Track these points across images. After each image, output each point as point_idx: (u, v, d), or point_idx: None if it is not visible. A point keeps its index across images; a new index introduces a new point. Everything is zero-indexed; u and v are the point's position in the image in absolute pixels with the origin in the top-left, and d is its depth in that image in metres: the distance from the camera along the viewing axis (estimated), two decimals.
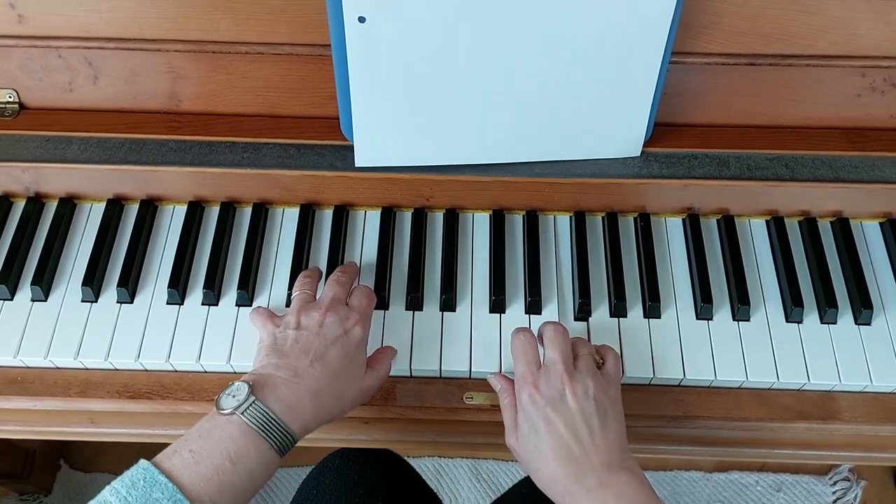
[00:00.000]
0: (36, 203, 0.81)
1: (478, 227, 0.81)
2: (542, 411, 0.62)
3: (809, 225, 0.81)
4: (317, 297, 0.71)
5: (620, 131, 0.75)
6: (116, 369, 0.73)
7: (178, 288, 0.75)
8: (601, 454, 0.60)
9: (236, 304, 0.75)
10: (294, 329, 0.65)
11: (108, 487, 0.55)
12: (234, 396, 0.58)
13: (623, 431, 0.63)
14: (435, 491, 0.90)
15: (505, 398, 0.67)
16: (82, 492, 1.38)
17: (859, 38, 0.72)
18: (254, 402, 0.58)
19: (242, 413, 0.57)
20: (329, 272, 0.76)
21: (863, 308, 0.75)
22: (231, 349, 0.73)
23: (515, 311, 0.76)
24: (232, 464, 0.56)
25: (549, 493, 0.61)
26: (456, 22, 0.65)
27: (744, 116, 0.79)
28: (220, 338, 0.73)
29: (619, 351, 0.73)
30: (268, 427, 0.58)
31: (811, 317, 0.76)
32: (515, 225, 0.82)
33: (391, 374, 0.72)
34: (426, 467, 1.42)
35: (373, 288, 0.76)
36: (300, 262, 0.77)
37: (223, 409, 0.58)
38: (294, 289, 0.71)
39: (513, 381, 0.67)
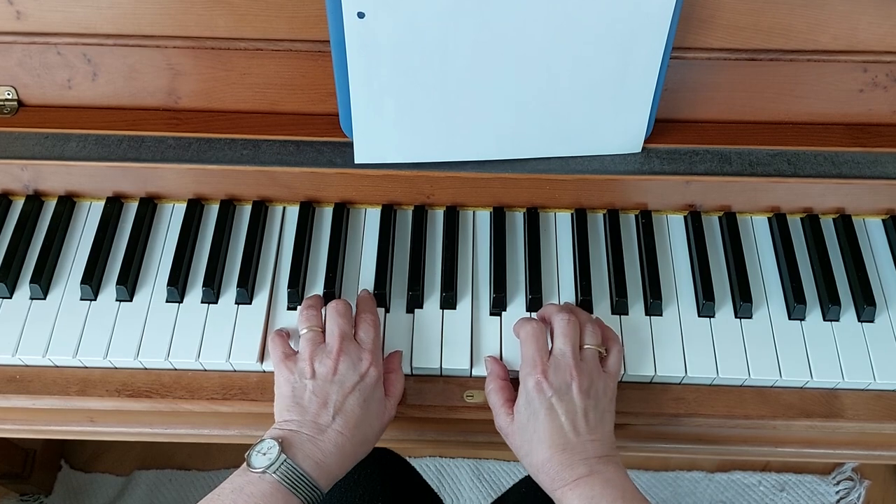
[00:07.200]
0: (35, 201, 0.81)
1: (478, 224, 0.81)
2: (546, 399, 0.64)
3: (812, 222, 0.80)
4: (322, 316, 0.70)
5: (621, 127, 0.74)
6: (115, 368, 0.73)
7: (177, 286, 0.75)
8: (595, 447, 0.63)
9: (236, 303, 0.75)
10: (310, 379, 0.65)
11: None
12: (264, 454, 0.61)
13: (612, 425, 0.67)
14: (436, 491, 0.90)
15: (491, 383, 0.69)
16: (83, 492, 1.37)
17: (861, 32, 0.72)
18: (285, 460, 0.60)
19: (274, 472, 0.60)
20: (329, 270, 0.76)
21: (866, 305, 0.74)
22: (230, 347, 0.72)
23: (516, 308, 0.75)
24: None
25: (540, 477, 0.64)
26: (456, 17, 0.65)
27: (745, 112, 0.78)
28: (220, 336, 0.73)
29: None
30: (298, 484, 0.60)
31: (814, 314, 0.75)
32: (516, 222, 0.81)
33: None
34: (427, 467, 1.42)
35: (373, 286, 0.76)
36: (300, 259, 0.77)
37: (255, 468, 0.60)
38: (299, 324, 0.70)
39: (504, 366, 0.71)
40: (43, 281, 0.75)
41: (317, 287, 0.76)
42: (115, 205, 0.80)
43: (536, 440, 0.64)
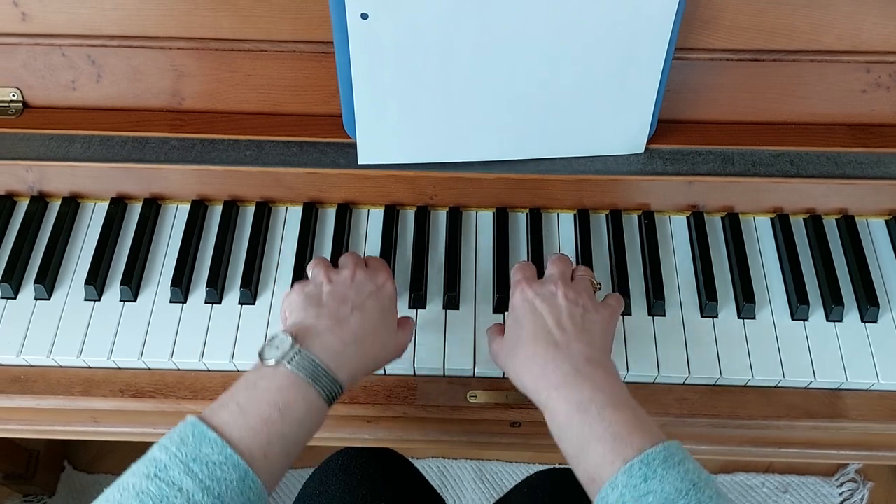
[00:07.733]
0: (39, 202, 0.81)
1: (481, 225, 0.81)
2: (530, 303, 0.62)
3: (815, 222, 0.80)
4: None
5: (624, 128, 0.75)
6: (119, 368, 0.73)
7: (181, 286, 0.75)
8: (582, 345, 0.59)
9: (239, 303, 0.75)
10: (327, 284, 0.63)
11: (156, 445, 0.53)
12: (277, 347, 0.57)
13: (607, 346, 0.63)
14: (438, 492, 0.89)
15: (491, 327, 0.68)
16: (86, 493, 1.38)
17: (864, 33, 0.72)
18: (299, 350, 0.56)
19: (289, 362, 0.56)
20: None
21: (869, 305, 0.74)
22: (234, 347, 0.73)
23: None
24: (280, 414, 0.54)
25: (524, 379, 0.60)
26: (459, 18, 0.65)
27: (748, 112, 0.78)
28: (224, 336, 0.73)
29: (623, 349, 0.73)
30: (315, 375, 0.56)
31: (817, 315, 0.75)
32: (519, 223, 0.81)
33: (395, 372, 0.73)
34: (430, 468, 1.42)
35: None
36: (303, 260, 0.77)
37: (268, 359, 0.56)
38: (308, 267, 0.67)
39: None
40: (47, 281, 0.75)
41: None
42: (119, 206, 0.81)
43: (519, 343, 0.61)
